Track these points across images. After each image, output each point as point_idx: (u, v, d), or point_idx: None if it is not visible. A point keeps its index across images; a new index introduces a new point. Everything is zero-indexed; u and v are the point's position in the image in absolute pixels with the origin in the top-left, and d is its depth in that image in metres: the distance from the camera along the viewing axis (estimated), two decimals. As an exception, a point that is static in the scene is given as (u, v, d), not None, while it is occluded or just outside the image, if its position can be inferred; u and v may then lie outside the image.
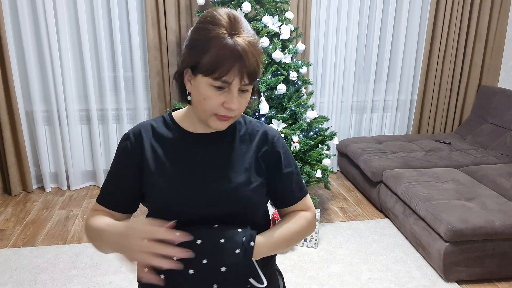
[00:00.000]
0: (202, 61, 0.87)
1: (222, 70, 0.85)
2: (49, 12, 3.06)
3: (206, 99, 0.89)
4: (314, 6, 3.52)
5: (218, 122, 0.93)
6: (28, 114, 3.32)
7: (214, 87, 0.87)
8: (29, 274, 2.33)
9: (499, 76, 3.83)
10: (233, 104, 0.89)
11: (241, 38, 0.87)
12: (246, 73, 0.87)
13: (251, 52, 0.87)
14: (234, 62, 0.85)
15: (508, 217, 2.27)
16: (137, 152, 0.99)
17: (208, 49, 0.86)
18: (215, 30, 0.87)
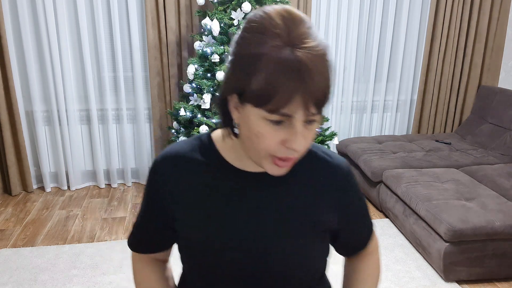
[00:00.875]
0: (250, 87, 0.63)
1: (279, 100, 0.61)
2: (49, 12, 3.06)
3: (259, 136, 0.66)
4: (314, 6, 3.52)
5: (275, 167, 0.70)
6: (28, 114, 3.32)
7: (269, 121, 0.64)
8: (29, 274, 2.33)
9: (499, 76, 3.83)
10: (296, 144, 0.65)
11: (305, 51, 0.61)
12: (313, 101, 0.62)
13: (319, 71, 0.62)
14: (296, 88, 0.61)
15: (508, 217, 2.27)
16: (167, 186, 0.80)
17: (257, 69, 0.62)
18: (265, 41, 0.62)
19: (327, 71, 0.63)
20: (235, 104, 0.69)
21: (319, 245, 0.82)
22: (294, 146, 0.65)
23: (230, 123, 0.73)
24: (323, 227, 0.81)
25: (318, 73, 0.61)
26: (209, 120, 2.58)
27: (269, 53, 0.61)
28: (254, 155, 0.70)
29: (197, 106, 2.72)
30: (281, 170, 0.70)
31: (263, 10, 0.67)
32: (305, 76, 0.60)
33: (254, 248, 0.77)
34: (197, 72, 2.70)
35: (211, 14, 2.71)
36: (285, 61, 0.60)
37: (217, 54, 2.61)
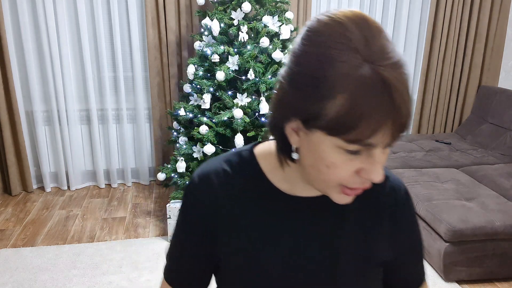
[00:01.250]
0: (324, 113, 0.53)
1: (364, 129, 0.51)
2: (49, 12, 3.06)
3: (330, 166, 0.57)
4: (314, 6, 3.52)
5: (343, 196, 0.61)
6: (28, 114, 3.32)
7: (346, 150, 0.55)
8: (29, 274, 2.33)
9: (499, 76, 3.83)
10: (375, 174, 0.56)
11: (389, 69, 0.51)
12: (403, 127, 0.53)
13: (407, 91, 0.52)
14: (386, 114, 0.51)
15: (508, 217, 2.27)
16: (208, 209, 0.71)
17: (333, 93, 0.51)
18: (341, 58, 0.51)
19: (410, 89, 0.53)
20: (295, 127, 0.58)
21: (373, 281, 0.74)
22: (372, 177, 0.56)
23: (287, 148, 0.62)
24: (378, 260, 0.73)
25: (407, 94, 0.52)
26: (209, 120, 2.58)
27: (348, 73, 0.50)
28: (320, 185, 0.61)
29: (197, 106, 2.72)
30: (349, 199, 0.62)
31: (329, 16, 0.55)
32: (395, 99, 0.50)
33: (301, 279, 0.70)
34: (197, 72, 2.70)
35: (211, 14, 2.71)
36: (370, 82, 0.50)
37: (217, 54, 2.61)
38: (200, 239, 0.73)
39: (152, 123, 3.43)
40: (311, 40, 0.55)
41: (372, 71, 0.50)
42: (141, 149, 3.50)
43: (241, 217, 0.70)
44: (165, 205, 3.09)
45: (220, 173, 0.70)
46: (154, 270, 2.36)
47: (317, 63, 0.53)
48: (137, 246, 2.62)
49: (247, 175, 0.70)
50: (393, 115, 0.51)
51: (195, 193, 0.72)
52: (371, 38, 0.52)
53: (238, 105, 2.55)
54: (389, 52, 0.52)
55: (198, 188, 0.71)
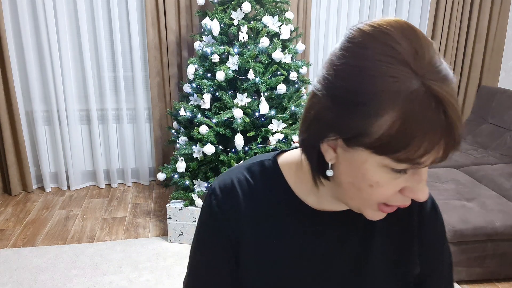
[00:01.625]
0: (372, 131, 0.49)
1: (416, 149, 0.48)
2: (49, 12, 3.05)
3: (374, 186, 0.53)
4: (314, 6, 3.52)
5: (378, 213, 0.58)
6: (28, 114, 3.32)
7: (392, 169, 0.52)
8: (29, 274, 2.33)
9: (499, 76, 3.83)
10: (421, 193, 0.54)
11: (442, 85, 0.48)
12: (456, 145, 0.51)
13: (459, 108, 0.49)
14: (442, 133, 0.48)
15: (508, 217, 2.27)
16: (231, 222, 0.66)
17: (383, 108, 0.48)
18: (390, 72, 0.47)
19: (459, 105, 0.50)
20: (333, 144, 0.54)
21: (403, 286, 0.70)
22: (418, 196, 0.54)
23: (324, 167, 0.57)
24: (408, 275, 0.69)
25: (459, 110, 0.48)
26: (209, 120, 2.58)
27: (398, 89, 0.46)
28: (357, 203, 0.57)
29: (197, 106, 2.72)
30: (383, 215, 0.58)
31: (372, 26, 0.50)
32: (449, 116, 0.47)
33: None
34: (197, 72, 2.70)
35: (211, 14, 2.71)
36: (422, 99, 0.46)
37: (217, 54, 2.61)
38: (225, 257, 0.67)
39: (152, 123, 3.43)
40: (354, 52, 0.50)
41: (423, 86, 0.47)
42: (141, 149, 3.50)
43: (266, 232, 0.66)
44: (165, 205, 3.09)
45: (243, 183, 0.66)
46: (154, 270, 2.36)
47: (363, 78, 0.48)
48: (137, 246, 2.62)
49: (272, 187, 0.65)
50: (448, 133, 0.48)
51: (217, 203, 0.66)
52: (420, 51, 0.49)
53: (238, 105, 2.54)
54: (438, 65, 0.49)
55: (217, 198, 0.66)
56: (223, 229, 0.66)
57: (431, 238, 0.71)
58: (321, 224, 0.65)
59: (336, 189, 0.60)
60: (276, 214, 0.65)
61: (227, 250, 0.67)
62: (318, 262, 0.66)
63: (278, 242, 0.66)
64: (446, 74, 0.48)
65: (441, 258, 0.73)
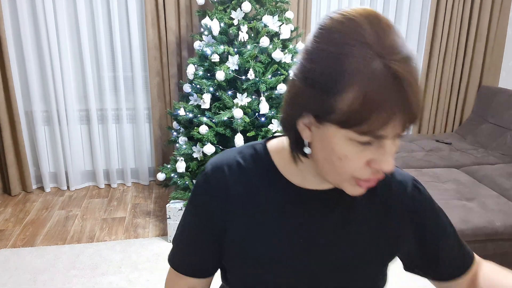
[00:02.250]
0: (336, 107, 0.55)
1: (376, 121, 0.53)
2: (48, 12, 3.05)
3: (343, 158, 0.59)
4: (314, 6, 3.52)
5: (356, 187, 0.63)
6: (27, 114, 3.32)
7: (357, 142, 0.57)
8: (29, 274, 2.33)
9: (499, 76, 3.83)
10: (386, 164, 0.58)
11: (400, 63, 0.53)
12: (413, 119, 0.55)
13: (417, 85, 0.54)
14: (397, 107, 0.53)
15: (508, 217, 2.27)
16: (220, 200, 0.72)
17: (345, 87, 0.53)
18: (353, 53, 0.53)
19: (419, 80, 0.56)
20: (308, 123, 0.60)
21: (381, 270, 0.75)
22: (383, 167, 0.58)
23: (301, 145, 0.64)
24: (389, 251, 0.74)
25: (416, 86, 0.54)
26: (209, 120, 2.58)
27: (360, 67, 0.52)
28: (333, 178, 0.63)
29: (197, 106, 2.71)
30: (362, 191, 0.64)
31: (341, 14, 0.57)
32: (405, 92, 0.52)
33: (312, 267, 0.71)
34: (197, 72, 2.69)
35: (211, 14, 2.70)
36: (381, 76, 0.52)
37: (217, 54, 2.60)
38: (209, 226, 0.73)
39: (152, 123, 3.42)
40: (324, 37, 0.56)
41: (384, 65, 0.52)
42: (140, 149, 3.50)
43: (253, 208, 0.71)
44: (165, 205, 3.09)
45: (233, 164, 0.72)
46: (154, 271, 2.36)
47: (330, 59, 0.54)
48: (136, 246, 2.61)
49: (260, 168, 0.72)
50: (404, 107, 0.53)
51: (207, 181, 0.72)
52: (383, 34, 0.55)
53: (238, 105, 2.54)
54: (399, 47, 0.54)
55: (211, 177, 0.72)
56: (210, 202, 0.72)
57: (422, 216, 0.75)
58: (305, 202, 0.71)
59: (315, 166, 0.66)
60: (264, 193, 0.71)
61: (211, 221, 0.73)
62: (302, 237, 0.71)
63: (264, 218, 0.71)
64: (407, 55, 0.54)
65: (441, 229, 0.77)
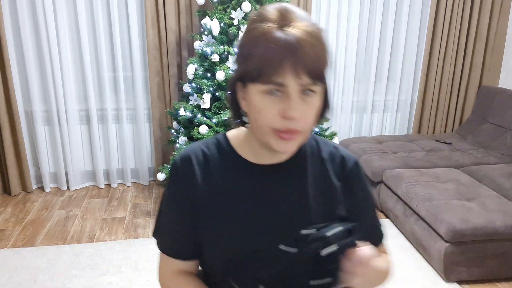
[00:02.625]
0: (248, 67, 0.70)
1: (270, 68, 0.66)
2: (48, 12, 3.05)
3: (260, 111, 0.70)
4: (314, 6, 3.52)
5: (281, 141, 0.72)
6: (27, 114, 3.32)
7: (266, 93, 0.69)
8: (29, 274, 2.33)
9: (499, 76, 3.83)
10: (292, 111, 0.68)
11: (295, 28, 0.67)
12: (303, 68, 0.66)
13: (308, 42, 0.66)
14: (285, 56, 0.66)
15: (508, 217, 2.26)
16: (188, 186, 0.83)
17: (253, 51, 0.69)
18: (261, 27, 0.69)
19: (319, 45, 0.69)
20: (242, 93, 0.75)
21: None
22: (290, 113, 0.68)
23: (239, 114, 0.79)
24: (334, 216, 0.84)
25: (307, 44, 0.66)
26: (209, 120, 2.57)
27: (263, 35, 0.68)
28: (261, 135, 0.74)
29: (197, 106, 2.71)
30: (286, 145, 0.73)
31: (262, 7, 0.74)
32: (293, 45, 0.66)
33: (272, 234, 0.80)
34: (197, 72, 2.69)
35: (211, 14, 2.70)
36: (276, 37, 0.67)
37: (217, 54, 2.60)
38: (182, 210, 0.84)
39: (152, 123, 3.42)
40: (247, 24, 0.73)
41: (278, 30, 0.67)
42: (140, 149, 3.50)
43: (217, 187, 0.82)
44: (165, 205, 3.09)
45: (199, 154, 0.84)
46: (154, 271, 2.36)
47: (247, 36, 0.71)
48: (136, 246, 2.61)
49: (222, 153, 0.84)
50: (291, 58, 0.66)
51: (177, 172, 0.84)
52: (286, 14, 0.69)
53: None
54: (299, 21, 0.69)
55: (181, 167, 0.84)
56: (181, 188, 0.84)
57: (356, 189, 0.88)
58: (261, 176, 0.82)
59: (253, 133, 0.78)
60: (226, 173, 0.83)
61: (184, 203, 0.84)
62: (260, 206, 0.81)
63: (228, 194, 0.82)
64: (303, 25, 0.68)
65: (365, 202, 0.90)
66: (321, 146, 0.87)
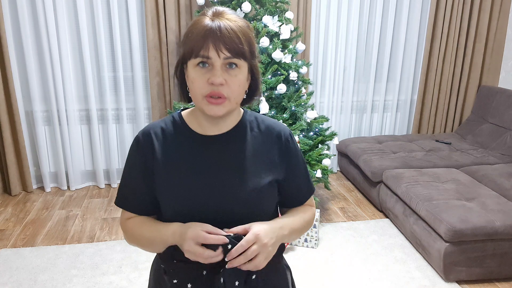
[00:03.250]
0: (186, 48, 0.91)
1: (198, 46, 0.88)
2: (49, 12, 3.05)
3: (194, 82, 0.90)
4: (314, 6, 3.52)
5: (210, 106, 0.91)
6: (28, 114, 3.32)
7: (198, 66, 0.89)
8: (29, 274, 2.33)
9: (499, 76, 3.83)
10: (215, 77, 0.88)
11: (221, 19, 0.89)
12: (223, 44, 0.87)
13: (228, 27, 0.88)
14: (208, 36, 0.87)
15: (508, 217, 2.27)
16: (148, 155, 0.99)
17: (190, 35, 0.90)
18: (196, 20, 0.91)
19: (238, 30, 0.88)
20: (186, 73, 0.93)
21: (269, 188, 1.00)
22: (214, 79, 0.88)
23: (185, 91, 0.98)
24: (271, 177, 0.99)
25: (227, 28, 0.87)
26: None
27: (197, 24, 0.89)
28: (197, 103, 0.92)
29: (197, 106, 2.72)
30: (215, 109, 0.90)
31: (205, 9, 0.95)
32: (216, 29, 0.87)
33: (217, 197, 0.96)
34: (197, 72, 2.69)
35: (211, 14, 2.71)
36: (205, 24, 0.88)
37: (217, 54, 2.61)
38: (141, 173, 0.99)
39: (152, 123, 3.42)
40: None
41: (208, 20, 0.88)
42: (141, 149, 3.49)
43: (172, 156, 0.98)
44: (165, 205, 3.09)
45: (158, 129, 1.01)
46: (154, 270, 2.36)
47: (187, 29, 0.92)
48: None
49: (176, 128, 1.01)
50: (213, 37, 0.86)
51: (139, 143, 1.00)
52: (217, 12, 0.90)
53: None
54: (226, 16, 0.90)
55: (141, 140, 1.00)
56: (141, 157, 1.00)
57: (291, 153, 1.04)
58: (206, 144, 0.98)
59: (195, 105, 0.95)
60: (178, 144, 0.99)
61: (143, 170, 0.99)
62: (208, 173, 0.96)
63: (180, 161, 0.98)
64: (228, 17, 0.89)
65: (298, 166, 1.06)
66: (259, 121, 1.04)
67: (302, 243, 2.64)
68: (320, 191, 3.50)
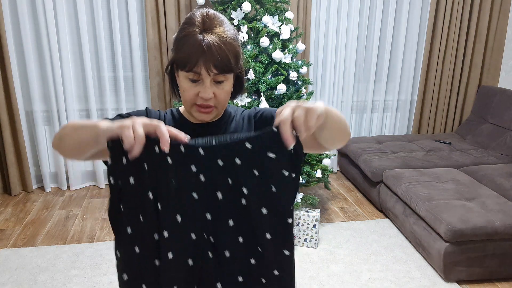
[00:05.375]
0: (178, 58, 0.96)
1: (191, 63, 0.94)
2: (49, 12, 3.05)
3: (184, 91, 0.98)
4: (314, 6, 3.52)
5: (200, 113, 1.01)
6: (28, 114, 3.32)
7: (189, 79, 0.96)
8: (29, 274, 2.33)
9: (499, 76, 3.83)
10: (204, 94, 0.96)
11: (211, 34, 0.93)
12: (213, 65, 0.93)
13: (217, 46, 0.93)
14: (200, 56, 0.92)
15: (508, 217, 2.27)
16: None
17: (181, 46, 0.95)
18: (189, 29, 0.95)
19: (227, 47, 0.94)
20: (177, 76, 1.01)
21: None
22: (203, 95, 0.96)
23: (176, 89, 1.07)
24: None
25: (216, 47, 0.92)
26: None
27: (189, 35, 0.94)
28: (186, 107, 1.02)
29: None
30: (204, 115, 1.01)
31: (193, 11, 0.99)
32: (206, 48, 0.92)
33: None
34: (197, 72, 2.70)
35: (211, 14, 2.71)
36: (195, 40, 0.93)
37: (217, 54, 2.61)
38: None
39: (152, 123, 3.42)
40: (182, 23, 0.98)
41: (199, 34, 0.93)
42: (141, 149, 3.50)
43: None
44: (165, 205, 3.09)
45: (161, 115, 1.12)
46: (154, 270, 2.36)
47: (179, 33, 0.97)
48: (137, 246, 2.61)
49: (173, 116, 1.12)
50: (204, 56, 0.92)
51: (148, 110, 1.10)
52: (207, 20, 0.95)
53: (238, 105, 2.54)
54: (218, 27, 0.95)
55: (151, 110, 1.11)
56: None
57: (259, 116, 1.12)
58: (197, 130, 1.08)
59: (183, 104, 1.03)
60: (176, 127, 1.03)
61: None
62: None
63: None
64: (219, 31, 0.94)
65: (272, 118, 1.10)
66: (238, 112, 1.14)
67: (302, 243, 2.64)
68: (320, 191, 3.50)
